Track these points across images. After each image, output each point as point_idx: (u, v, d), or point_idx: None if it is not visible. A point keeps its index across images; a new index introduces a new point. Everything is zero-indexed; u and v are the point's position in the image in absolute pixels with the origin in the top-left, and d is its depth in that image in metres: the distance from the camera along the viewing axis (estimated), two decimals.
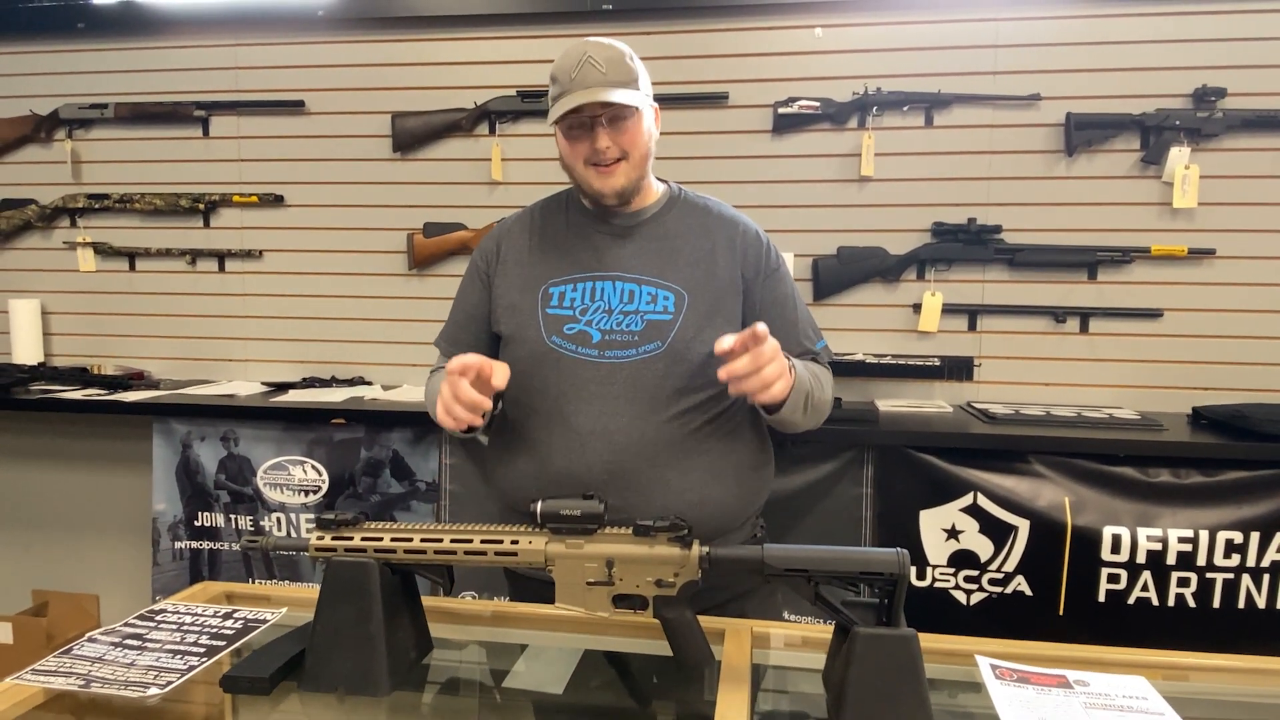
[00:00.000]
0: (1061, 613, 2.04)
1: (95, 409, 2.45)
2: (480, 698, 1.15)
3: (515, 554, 1.03)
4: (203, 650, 1.10)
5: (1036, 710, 0.97)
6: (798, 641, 1.22)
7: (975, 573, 2.09)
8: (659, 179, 1.45)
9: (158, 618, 1.20)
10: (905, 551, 0.96)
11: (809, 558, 0.98)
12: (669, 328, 1.31)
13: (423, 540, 1.04)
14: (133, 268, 2.82)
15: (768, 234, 1.44)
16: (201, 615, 1.21)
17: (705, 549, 1.00)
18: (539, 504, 1.02)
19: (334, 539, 1.05)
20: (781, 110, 2.43)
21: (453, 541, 1.03)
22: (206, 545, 2.46)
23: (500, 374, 1.18)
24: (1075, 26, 2.32)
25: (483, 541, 1.03)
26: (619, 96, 1.27)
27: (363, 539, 1.05)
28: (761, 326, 1.13)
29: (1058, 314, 2.38)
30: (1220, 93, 2.24)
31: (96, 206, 2.78)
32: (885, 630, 0.94)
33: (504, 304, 1.40)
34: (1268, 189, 2.28)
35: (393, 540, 1.04)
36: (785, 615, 2.09)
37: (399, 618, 1.06)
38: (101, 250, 2.81)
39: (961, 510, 2.08)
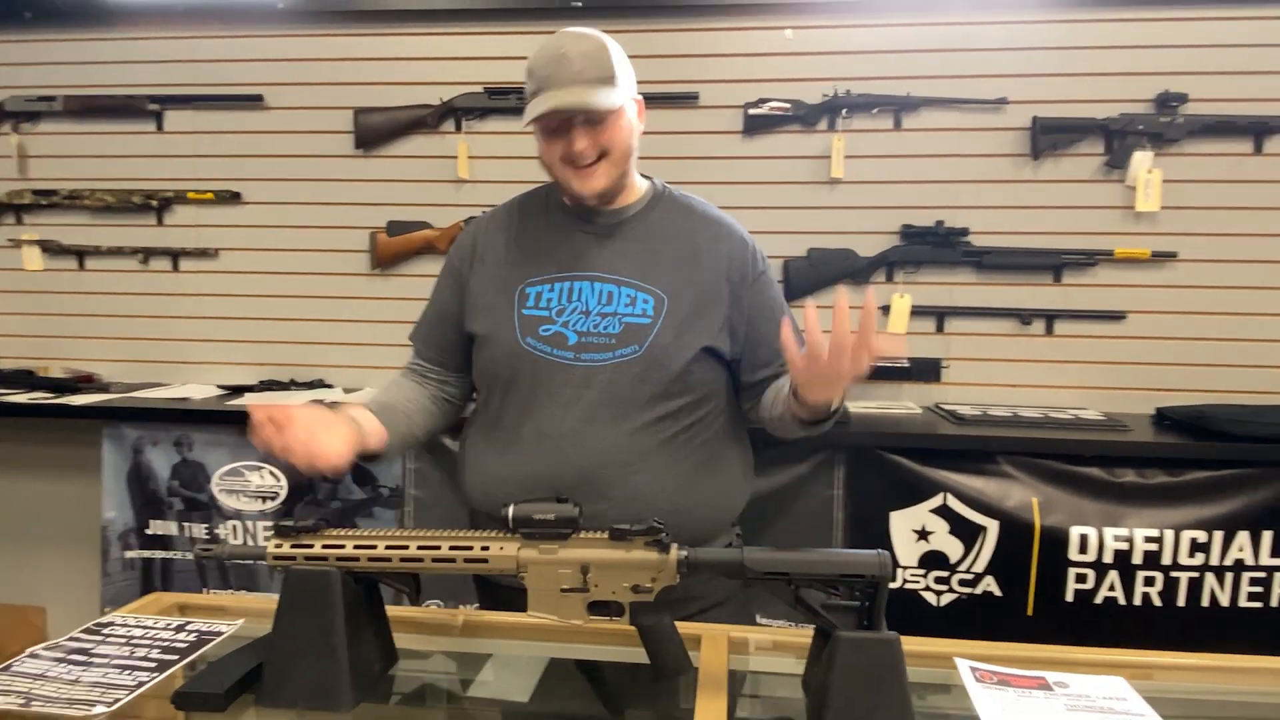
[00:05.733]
0: (1030, 613, 2.04)
1: (42, 413, 2.35)
2: (447, 709, 1.11)
3: (486, 560, 0.99)
4: (153, 665, 1.04)
5: (1019, 714, 0.96)
6: (772, 646, 1.20)
7: (945, 574, 2.09)
8: (644, 175, 1.42)
9: (105, 631, 1.14)
10: (886, 553, 0.94)
11: (790, 561, 0.95)
12: (647, 331, 1.28)
13: (388, 547, 0.99)
14: (82, 266, 2.71)
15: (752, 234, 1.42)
16: (152, 628, 1.15)
17: (684, 553, 0.97)
18: (511, 508, 0.98)
19: (293, 547, 1.00)
20: (752, 111, 2.42)
21: (419, 548, 0.99)
22: (159, 554, 2.37)
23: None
24: (1041, 32, 2.34)
25: (451, 548, 0.99)
26: (594, 99, 1.22)
27: (324, 547, 1.00)
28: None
29: (1024, 316, 2.40)
30: (1182, 98, 2.28)
31: (44, 203, 2.67)
32: (868, 634, 0.92)
33: (479, 304, 1.36)
34: (1228, 193, 2.32)
35: (356, 547, 1.00)
36: (757, 620, 2.07)
37: (362, 629, 1.01)
38: (49, 248, 2.70)
39: (931, 511, 2.08)
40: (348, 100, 2.56)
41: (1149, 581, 2.01)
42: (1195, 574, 2.00)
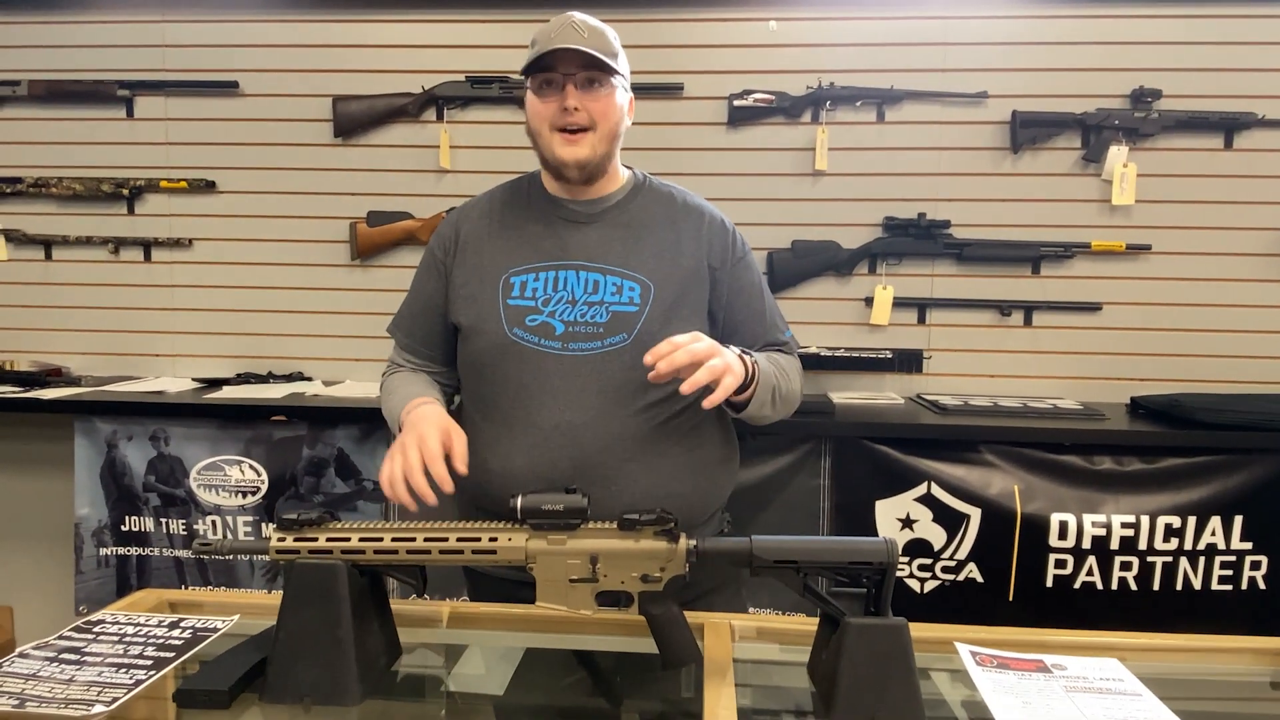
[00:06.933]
0: (1011, 599, 2.08)
1: (10, 407, 2.29)
2: (449, 703, 1.10)
3: (494, 552, 0.98)
4: (150, 663, 1.02)
5: (1020, 695, 0.98)
6: (767, 634, 1.20)
7: (929, 561, 2.12)
8: (625, 165, 1.42)
9: (95, 629, 1.11)
10: (894, 540, 0.96)
11: (798, 549, 0.96)
12: (635, 320, 1.28)
13: (394, 540, 0.98)
14: (49, 257, 2.64)
15: (735, 224, 1.42)
16: (145, 625, 1.13)
17: (693, 542, 0.98)
18: (519, 499, 0.98)
19: (296, 540, 0.99)
20: (736, 102, 2.42)
21: (427, 540, 0.98)
22: (135, 551, 2.32)
23: (460, 458, 1.18)
24: (1021, 26, 2.37)
25: (459, 540, 0.98)
26: (596, 53, 1.24)
27: (328, 540, 0.98)
28: (680, 337, 1.14)
29: (1003, 307, 2.44)
30: (1156, 94, 2.33)
31: (8, 191, 2.59)
32: (876, 620, 0.93)
33: (463, 294, 1.34)
34: (1200, 187, 2.37)
35: (361, 540, 0.98)
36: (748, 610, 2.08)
37: (368, 622, 1.00)
38: (14, 238, 2.62)
39: (916, 500, 2.11)
40: (326, 88, 2.52)
41: (1125, 566, 2.05)
42: (1169, 559, 2.05)
